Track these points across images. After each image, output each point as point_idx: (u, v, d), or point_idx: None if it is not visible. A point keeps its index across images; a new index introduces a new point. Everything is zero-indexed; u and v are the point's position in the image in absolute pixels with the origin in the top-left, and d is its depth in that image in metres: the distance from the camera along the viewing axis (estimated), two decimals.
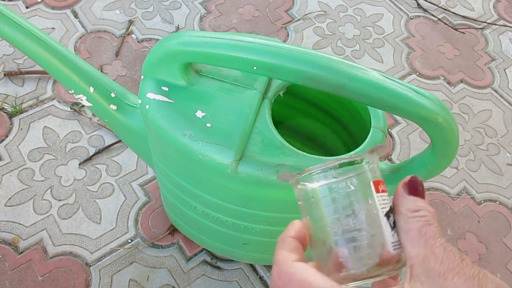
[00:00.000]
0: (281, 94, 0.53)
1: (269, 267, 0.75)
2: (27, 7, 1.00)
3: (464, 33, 1.10)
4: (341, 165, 0.30)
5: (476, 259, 0.79)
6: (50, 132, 0.84)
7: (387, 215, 0.30)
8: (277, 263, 0.30)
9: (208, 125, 0.48)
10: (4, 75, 0.90)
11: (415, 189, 0.30)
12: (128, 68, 0.94)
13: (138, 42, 0.98)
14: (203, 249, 0.75)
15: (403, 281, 0.28)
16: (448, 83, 1.01)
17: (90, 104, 0.56)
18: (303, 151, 0.49)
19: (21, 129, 0.84)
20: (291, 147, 0.48)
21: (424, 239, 0.28)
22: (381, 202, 0.30)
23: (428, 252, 0.27)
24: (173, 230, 0.76)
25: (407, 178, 0.31)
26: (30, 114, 0.86)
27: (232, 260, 0.74)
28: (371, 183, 0.30)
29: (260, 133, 0.49)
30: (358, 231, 0.29)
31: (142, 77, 0.52)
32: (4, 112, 0.86)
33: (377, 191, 0.30)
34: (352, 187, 0.30)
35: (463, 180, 0.88)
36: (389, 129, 0.92)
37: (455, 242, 0.81)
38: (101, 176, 0.80)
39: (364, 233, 0.29)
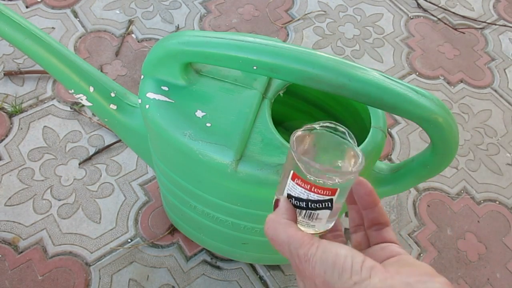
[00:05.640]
0: (281, 94, 0.53)
1: (269, 267, 0.75)
2: (27, 7, 1.00)
3: (464, 33, 1.10)
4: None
5: (476, 259, 0.79)
6: (50, 132, 0.84)
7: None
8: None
9: (208, 124, 0.48)
10: (4, 74, 0.90)
11: None
12: (128, 67, 0.94)
13: (138, 41, 0.98)
14: (203, 248, 0.75)
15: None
16: (448, 83, 1.01)
17: (90, 104, 0.56)
18: None
19: (21, 128, 0.84)
20: None
21: None
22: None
23: None
24: (173, 230, 0.76)
25: None
26: (30, 114, 0.86)
27: (232, 260, 0.74)
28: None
29: (260, 133, 0.49)
30: None
31: (142, 76, 0.52)
32: (4, 112, 0.86)
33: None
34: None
35: (463, 180, 0.88)
36: (389, 129, 0.92)
37: (455, 242, 0.81)
38: (101, 175, 0.80)
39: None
